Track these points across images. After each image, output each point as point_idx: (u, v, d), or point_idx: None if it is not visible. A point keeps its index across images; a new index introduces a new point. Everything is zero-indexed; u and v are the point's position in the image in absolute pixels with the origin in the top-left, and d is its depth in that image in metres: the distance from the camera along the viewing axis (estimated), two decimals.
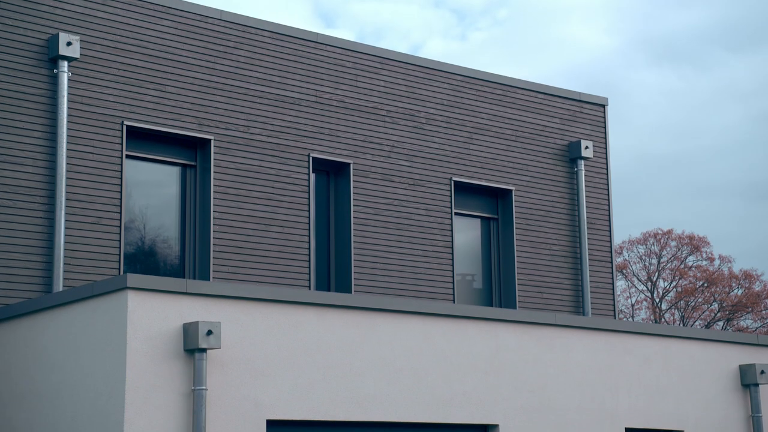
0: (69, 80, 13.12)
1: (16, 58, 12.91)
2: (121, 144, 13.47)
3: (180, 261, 14.08)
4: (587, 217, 17.54)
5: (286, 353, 10.54)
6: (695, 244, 54.76)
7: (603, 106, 18.26)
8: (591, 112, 18.10)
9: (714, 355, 14.02)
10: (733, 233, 65.53)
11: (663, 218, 67.38)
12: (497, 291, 16.83)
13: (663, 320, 53.50)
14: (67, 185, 12.95)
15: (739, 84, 73.65)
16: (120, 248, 13.23)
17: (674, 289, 54.57)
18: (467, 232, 16.83)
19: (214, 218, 14.02)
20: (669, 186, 68.70)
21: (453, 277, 16.00)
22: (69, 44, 12.97)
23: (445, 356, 11.65)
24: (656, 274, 54.79)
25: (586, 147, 17.55)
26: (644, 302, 54.62)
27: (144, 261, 13.92)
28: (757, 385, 14.09)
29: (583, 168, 17.60)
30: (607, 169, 18.04)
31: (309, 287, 14.57)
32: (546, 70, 75.82)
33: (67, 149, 13.02)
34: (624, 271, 54.37)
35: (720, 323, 54.20)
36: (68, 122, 13.07)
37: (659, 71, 77.15)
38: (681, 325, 51.02)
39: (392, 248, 15.50)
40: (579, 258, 17.37)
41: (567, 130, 17.73)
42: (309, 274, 14.64)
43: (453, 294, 15.92)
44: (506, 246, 16.89)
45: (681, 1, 78.33)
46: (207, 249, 13.92)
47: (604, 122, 18.23)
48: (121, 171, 13.42)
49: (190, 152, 14.26)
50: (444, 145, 16.32)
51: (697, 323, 53.77)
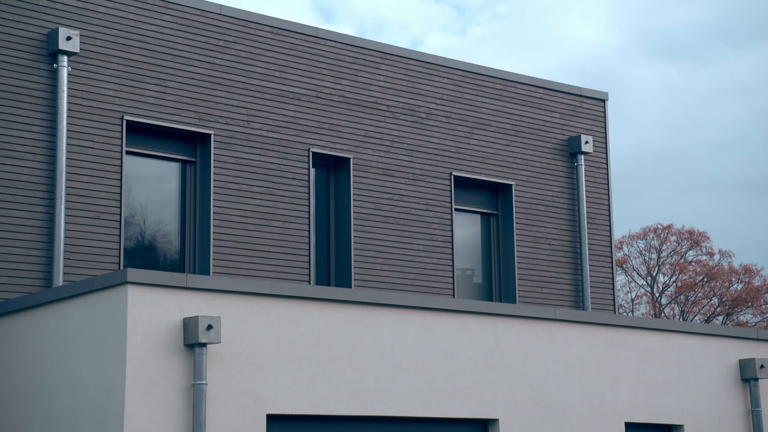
0: (69, 75, 13.12)
1: (16, 53, 12.90)
2: (121, 138, 13.46)
3: (180, 256, 14.08)
4: (587, 212, 17.54)
5: (286, 348, 10.54)
6: (695, 239, 54.74)
7: (603, 101, 18.24)
8: (591, 107, 18.09)
9: (714, 350, 14.03)
10: (733, 228, 65.55)
11: (663, 213, 67.46)
12: (497, 286, 16.83)
13: (663, 315, 53.48)
14: (67, 180, 12.95)
15: (739, 79, 73.64)
16: (120, 243, 13.23)
17: (674, 284, 54.57)
18: (467, 227, 16.82)
19: (214, 213, 14.01)
20: (669, 181, 68.72)
21: (453, 272, 16.00)
22: (68, 39, 12.96)
23: (445, 351, 11.65)
24: (656, 269, 54.79)
25: (586, 142, 17.54)
26: (644, 297, 54.62)
27: (144, 256, 13.92)
28: (757, 380, 14.10)
29: (583, 163, 17.59)
30: (607, 164, 18.03)
31: (309, 282, 14.57)
32: (546, 66, 75.84)
33: (67, 144, 13.01)
34: (624, 266, 54.36)
35: (720, 318, 54.20)
36: (68, 117, 13.07)
37: (659, 66, 77.14)
38: (681, 320, 51.02)
39: (392, 243, 15.49)
40: (579, 253, 17.37)
41: (567, 125, 17.72)
42: (309, 269, 14.64)
43: (453, 289, 15.92)
44: (506, 241, 16.88)
45: None
46: (207, 244, 13.91)
47: (604, 117, 18.21)
48: (121, 165, 13.41)
49: (190, 147, 14.25)
50: (444, 140, 16.31)
51: (697, 318, 53.77)
